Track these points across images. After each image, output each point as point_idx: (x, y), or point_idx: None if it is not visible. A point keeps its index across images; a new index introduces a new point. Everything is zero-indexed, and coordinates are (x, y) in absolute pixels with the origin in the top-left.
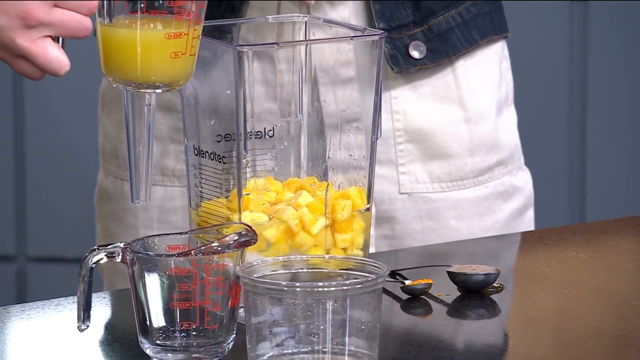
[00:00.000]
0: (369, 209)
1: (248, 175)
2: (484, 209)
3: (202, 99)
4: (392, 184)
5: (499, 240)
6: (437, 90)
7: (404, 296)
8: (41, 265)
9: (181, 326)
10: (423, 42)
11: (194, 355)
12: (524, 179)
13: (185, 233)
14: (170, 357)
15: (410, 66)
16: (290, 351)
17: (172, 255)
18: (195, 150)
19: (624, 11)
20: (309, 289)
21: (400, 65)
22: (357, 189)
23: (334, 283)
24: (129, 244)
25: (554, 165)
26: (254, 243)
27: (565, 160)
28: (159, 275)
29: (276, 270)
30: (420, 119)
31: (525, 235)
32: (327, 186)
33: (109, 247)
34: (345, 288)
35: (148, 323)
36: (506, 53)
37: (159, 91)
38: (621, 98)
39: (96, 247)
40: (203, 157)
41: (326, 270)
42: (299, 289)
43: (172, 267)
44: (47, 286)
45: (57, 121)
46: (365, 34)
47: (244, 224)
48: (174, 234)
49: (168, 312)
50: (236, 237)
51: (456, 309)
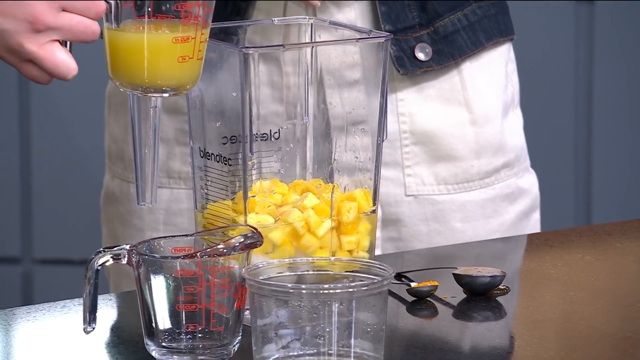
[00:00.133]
0: (374, 211)
1: (254, 178)
2: (490, 211)
3: (208, 101)
4: (398, 186)
5: (504, 243)
6: (443, 93)
7: (410, 298)
8: (47, 267)
9: (187, 328)
10: (429, 44)
11: (199, 358)
12: (530, 181)
13: (191, 235)
14: (176, 359)
15: (416, 68)
16: (296, 353)
17: (178, 258)
18: (201, 153)
19: (630, 13)
20: (314, 291)
21: (406, 67)
22: (363, 191)
23: (339, 285)
24: (134, 246)
25: (560, 168)
26: (260, 245)
27: (571, 163)
28: (164, 277)
29: (282, 273)
30: (426, 121)
31: (531, 237)
32: (332, 188)
33: (114, 249)
34: (351, 290)
35: (154, 325)
36: (512, 55)
37: (166, 95)
38: (627, 100)
39: (102, 249)
40: (209, 159)
41: (332, 273)
42: (304, 291)
43: (178, 269)
44: (53, 288)
45: (63, 123)
46: (371, 36)
47: (250, 226)
48: (179, 236)
49: (174, 314)
50: (242, 239)
51: (462, 311)
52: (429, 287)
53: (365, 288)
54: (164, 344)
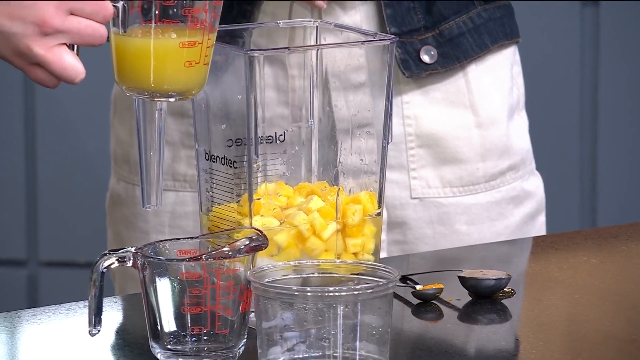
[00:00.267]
0: (380, 214)
1: (259, 180)
2: (495, 213)
3: (213, 103)
4: (404, 188)
5: (510, 245)
6: (448, 95)
7: (415, 301)
8: (52, 270)
9: (192, 331)
10: (434, 46)
11: None
12: (535, 184)
13: (196, 238)
14: None
15: (422, 71)
16: (301, 356)
17: (183, 260)
18: (207, 155)
19: (635, 15)
20: (319, 294)
21: (411, 70)
22: (368, 193)
23: (344, 288)
24: (140, 248)
25: (566, 170)
26: (265, 248)
27: (577, 165)
28: (170, 279)
29: (287, 275)
30: (431, 123)
31: (536, 240)
32: (338, 191)
33: (120, 251)
34: (356, 293)
35: (159, 327)
36: (517, 58)
37: (172, 100)
38: (632, 102)
39: (107, 252)
40: (214, 162)
41: (337, 275)
42: (309, 294)
43: (183, 271)
44: (58, 291)
45: (68, 126)
46: (377, 38)
47: (255, 229)
48: (185, 238)
49: (179, 316)
50: (247, 242)
51: (467, 314)
52: (434, 289)
53: (371, 291)
54: (169, 346)
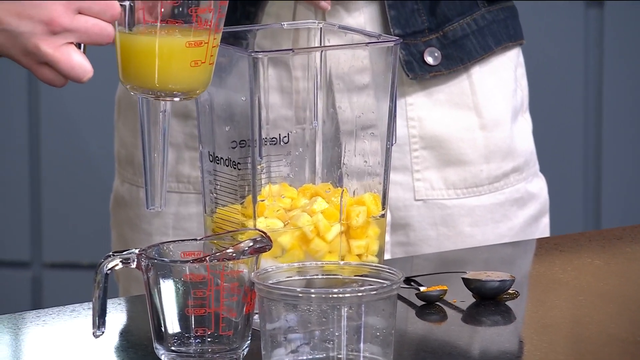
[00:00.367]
0: (384, 216)
1: (263, 182)
2: (499, 215)
3: (217, 105)
4: (407, 190)
5: (514, 247)
6: (452, 97)
7: (419, 302)
8: (56, 271)
9: (196, 332)
10: (438, 48)
11: None
12: (539, 186)
13: (200, 239)
14: None
15: (425, 72)
16: (305, 357)
17: (187, 262)
18: (210, 157)
19: None
20: (323, 296)
21: (415, 72)
22: (372, 195)
23: (348, 289)
24: (144, 250)
25: (570, 172)
26: (269, 249)
27: (581, 167)
28: (174, 281)
29: (291, 277)
30: (435, 125)
31: (540, 241)
32: (342, 192)
33: (124, 253)
34: (360, 294)
35: (163, 329)
36: (521, 60)
37: (176, 100)
38: (636, 103)
39: (111, 254)
40: (218, 164)
41: (341, 277)
42: (313, 296)
43: (187, 273)
44: (62, 292)
45: (72, 128)
46: (380, 40)
47: (259, 230)
48: (189, 240)
49: (183, 318)
50: (251, 244)
51: (471, 316)
52: (438, 291)
53: (375, 292)
54: (173, 348)
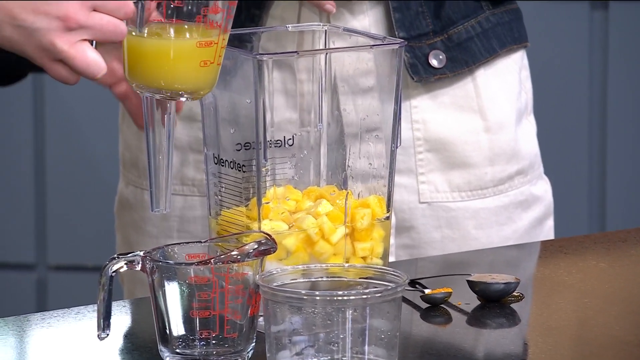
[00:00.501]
0: (388, 218)
1: (268, 184)
2: (503, 218)
3: (222, 107)
4: (412, 193)
5: (518, 249)
6: (457, 100)
7: (424, 305)
8: (61, 273)
9: (201, 335)
10: (443, 51)
11: None
12: (543, 188)
13: (205, 242)
14: None
15: (430, 75)
16: None
17: (191, 264)
18: (215, 159)
19: None
20: (328, 298)
21: (420, 74)
22: (376, 197)
23: (353, 292)
24: (148, 252)
25: (574, 174)
26: (274, 252)
27: (585, 169)
28: (178, 283)
29: (296, 279)
30: (440, 128)
31: (545, 244)
32: (346, 195)
33: (128, 255)
34: (364, 297)
35: (168, 331)
36: (526, 62)
37: (183, 99)
38: None
39: (116, 256)
40: (223, 166)
41: (346, 279)
42: (318, 298)
43: (192, 275)
44: (67, 295)
45: (77, 130)
46: (385, 42)
47: (264, 233)
48: (193, 242)
49: (188, 320)
50: (256, 246)
51: (476, 318)
52: (443, 293)
53: (379, 295)
54: (177, 350)
